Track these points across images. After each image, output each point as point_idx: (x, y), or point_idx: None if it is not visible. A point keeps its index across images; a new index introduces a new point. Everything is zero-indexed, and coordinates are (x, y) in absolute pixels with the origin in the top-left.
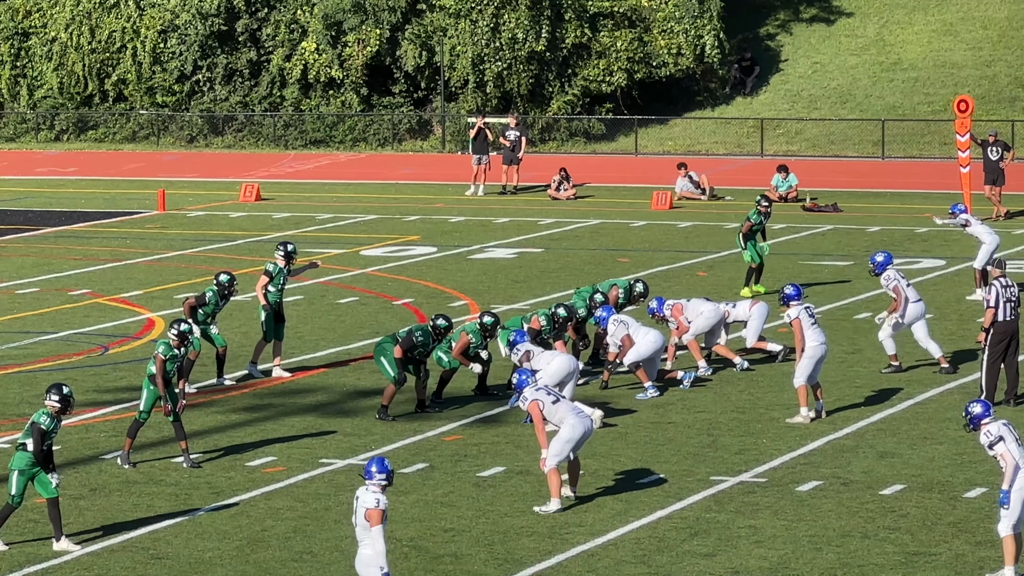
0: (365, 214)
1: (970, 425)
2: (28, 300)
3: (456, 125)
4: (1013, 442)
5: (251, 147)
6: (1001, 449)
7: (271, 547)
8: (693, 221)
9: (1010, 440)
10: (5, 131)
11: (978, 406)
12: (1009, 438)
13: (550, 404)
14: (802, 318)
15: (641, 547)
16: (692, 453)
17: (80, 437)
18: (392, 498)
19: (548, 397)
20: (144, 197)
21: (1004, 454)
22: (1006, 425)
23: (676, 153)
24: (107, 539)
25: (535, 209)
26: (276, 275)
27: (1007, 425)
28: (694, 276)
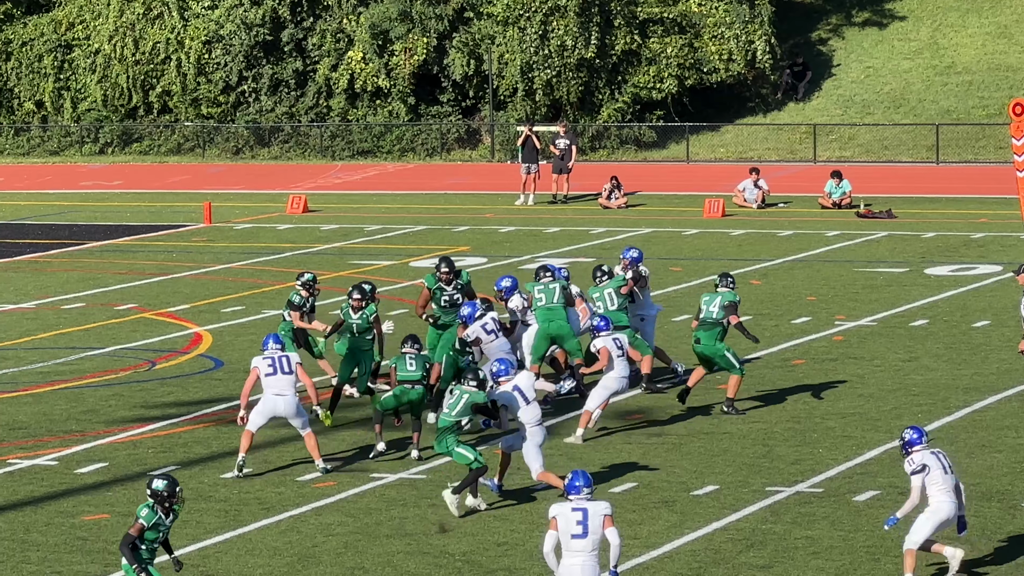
0: (414, 225)
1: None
2: (74, 315)
3: (505, 134)
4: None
5: (298, 158)
6: (917, 482)
7: (322, 563)
8: (746, 229)
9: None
10: (49, 144)
11: (911, 432)
12: (933, 464)
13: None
14: (609, 347)
15: (697, 559)
16: (747, 464)
17: (128, 453)
18: (444, 513)
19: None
20: (190, 210)
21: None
22: (934, 454)
23: (728, 160)
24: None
25: (586, 218)
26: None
27: (935, 454)
28: (748, 285)
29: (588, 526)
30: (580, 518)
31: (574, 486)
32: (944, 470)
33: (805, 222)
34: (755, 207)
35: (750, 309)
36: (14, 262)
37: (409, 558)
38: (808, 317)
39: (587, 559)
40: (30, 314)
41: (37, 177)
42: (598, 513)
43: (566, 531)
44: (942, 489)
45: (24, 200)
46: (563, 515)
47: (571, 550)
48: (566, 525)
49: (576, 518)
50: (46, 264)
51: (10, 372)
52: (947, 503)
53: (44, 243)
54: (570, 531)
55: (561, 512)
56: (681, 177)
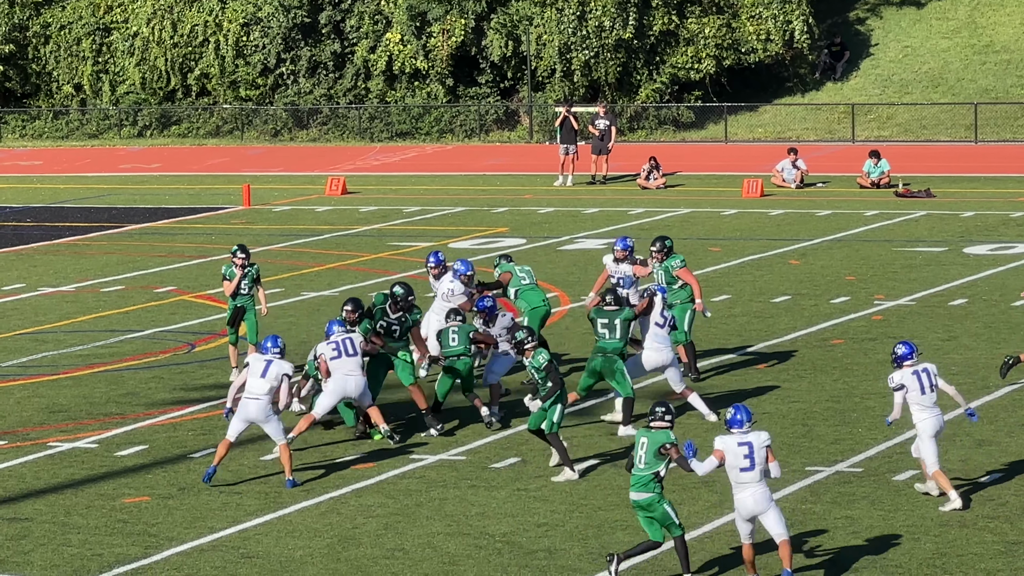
0: (453, 206)
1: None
2: (113, 298)
3: (544, 115)
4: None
5: (336, 140)
6: (898, 399)
7: (362, 545)
8: (784, 209)
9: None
10: (88, 128)
11: (903, 347)
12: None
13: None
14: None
15: (737, 539)
16: (787, 443)
17: (168, 436)
18: (484, 493)
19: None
20: (229, 192)
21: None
22: (915, 374)
23: (766, 140)
24: (197, 538)
25: (625, 199)
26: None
27: (917, 373)
28: (786, 265)
29: (755, 459)
30: (747, 452)
31: (736, 420)
32: (921, 390)
33: (843, 202)
34: (793, 187)
35: (788, 289)
36: (54, 245)
37: (449, 539)
38: (847, 297)
39: (757, 488)
40: (70, 297)
41: (76, 160)
42: (761, 445)
43: (734, 465)
44: (921, 407)
45: (63, 183)
46: (730, 449)
47: (740, 482)
48: (734, 459)
49: (743, 452)
50: (85, 247)
51: (50, 355)
52: (928, 419)
53: (83, 226)
54: (738, 464)
55: (727, 446)
56: (719, 157)
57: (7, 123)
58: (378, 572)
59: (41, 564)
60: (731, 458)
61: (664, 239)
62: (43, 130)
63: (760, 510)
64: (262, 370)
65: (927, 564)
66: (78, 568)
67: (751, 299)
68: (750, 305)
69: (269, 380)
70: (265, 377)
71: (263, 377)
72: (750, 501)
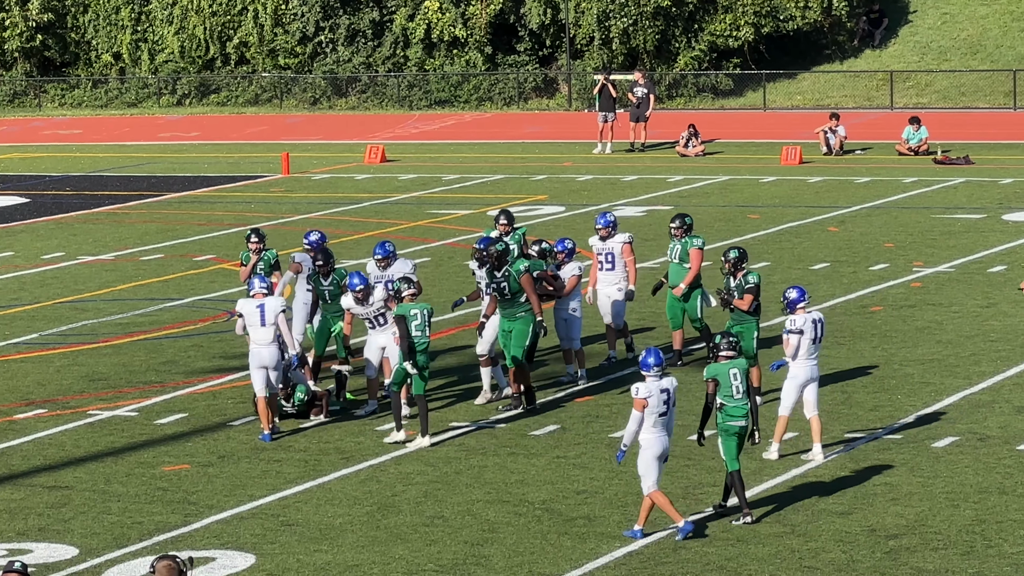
0: (492, 174)
1: (786, 309)
2: (152, 266)
3: (582, 83)
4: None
5: (375, 108)
6: (793, 340)
7: (402, 512)
8: (823, 176)
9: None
10: (127, 96)
11: (794, 292)
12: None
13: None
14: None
15: (776, 506)
16: (826, 410)
17: (208, 404)
18: (523, 461)
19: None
20: (268, 160)
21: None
22: (814, 322)
23: (805, 108)
24: (236, 506)
25: (663, 166)
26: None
27: (813, 322)
28: (825, 232)
29: (671, 403)
30: (665, 398)
31: (647, 362)
32: (813, 340)
33: (882, 169)
34: (832, 154)
35: (827, 256)
36: (93, 214)
37: (488, 507)
38: (886, 264)
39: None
40: (109, 265)
41: (115, 129)
42: (675, 390)
43: (653, 411)
44: (804, 356)
45: (102, 152)
46: (653, 395)
47: (654, 426)
48: (655, 404)
49: (663, 398)
50: (125, 216)
51: (90, 323)
52: (804, 368)
53: (123, 195)
54: (658, 410)
55: (652, 391)
56: (758, 125)
57: (46, 92)
58: (417, 540)
59: (81, 532)
60: (653, 403)
61: (684, 216)
62: (82, 99)
63: (667, 451)
64: (260, 317)
65: (966, 531)
66: (118, 536)
67: (790, 266)
68: (789, 272)
69: (269, 323)
70: (265, 324)
71: (263, 325)
72: (665, 441)
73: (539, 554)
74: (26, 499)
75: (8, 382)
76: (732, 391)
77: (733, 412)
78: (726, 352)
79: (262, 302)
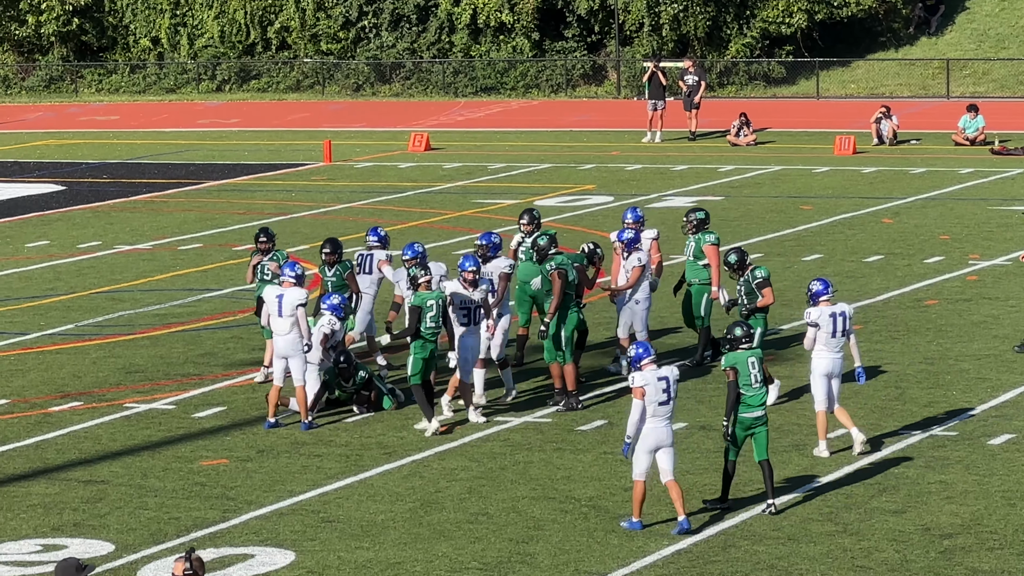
0: (538, 163)
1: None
2: (191, 256)
3: (631, 70)
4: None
5: (419, 95)
6: (811, 334)
7: (445, 509)
8: (877, 167)
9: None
10: (166, 82)
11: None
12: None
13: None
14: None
15: (828, 504)
16: (879, 406)
17: (247, 397)
18: (570, 456)
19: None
20: (309, 148)
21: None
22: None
23: (859, 96)
24: (276, 502)
25: (714, 156)
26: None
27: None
28: (879, 224)
29: (671, 392)
30: (665, 386)
31: (639, 355)
32: (833, 332)
33: (938, 159)
34: (887, 144)
35: (881, 248)
36: (131, 202)
37: (534, 503)
38: (941, 256)
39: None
40: (147, 255)
41: (153, 115)
42: (676, 379)
43: (653, 399)
44: (825, 348)
45: (140, 139)
46: (651, 383)
47: (654, 416)
48: (654, 393)
49: (662, 386)
50: (163, 204)
51: (127, 314)
52: (826, 361)
53: (161, 183)
54: (657, 399)
55: (649, 380)
56: (811, 113)
57: (83, 77)
58: (461, 536)
59: (117, 527)
60: (651, 392)
61: (697, 211)
62: (120, 84)
63: (664, 444)
64: (277, 307)
65: (1023, 530)
66: (155, 532)
67: (843, 258)
68: (842, 265)
69: (287, 315)
70: (282, 315)
71: (280, 316)
72: (663, 433)
73: (585, 552)
74: (61, 493)
75: (43, 374)
76: (750, 380)
77: (750, 401)
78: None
79: (283, 292)
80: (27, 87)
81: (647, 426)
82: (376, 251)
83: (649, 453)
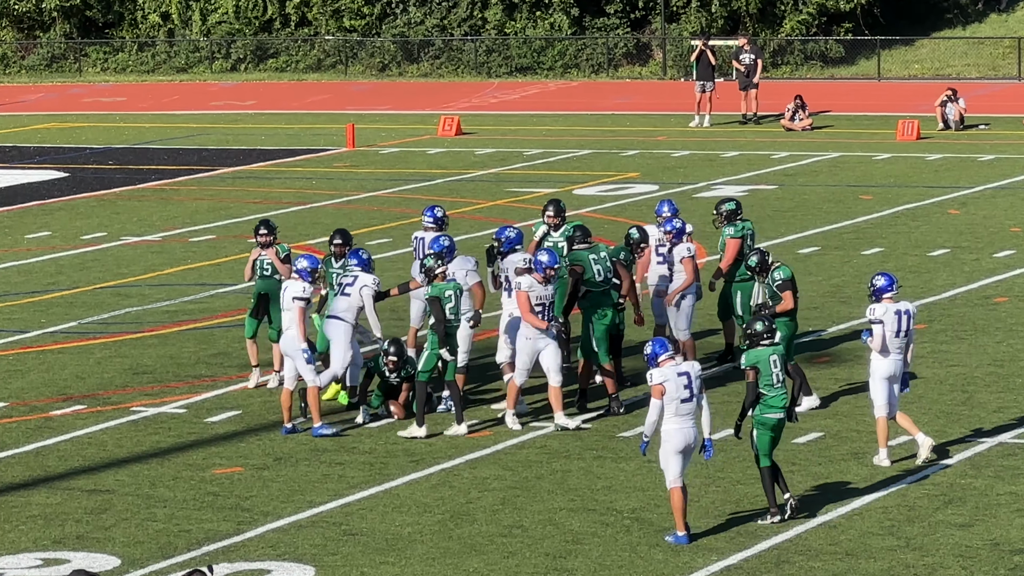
0: (578, 149)
1: (872, 296)
2: (203, 248)
3: (678, 48)
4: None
5: (450, 76)
6: (877, 331)
7: (476, 521)
8: (943, 153)
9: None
10: (176, 61)
11: (882, 279)
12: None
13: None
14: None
15: (889, 517)
16: (945, 412)
17: (263, 401)
18: (611, 465)
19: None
20: (331, 132)
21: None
22: (896, 313)
23: (923, 78)
24: (294, 513)
25: (767, 141)
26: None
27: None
28: (945, 215)
29: (693, 388)
30: (686, 382)
31: (656, 352)
32: (896, 333)
33: (1008, 145)
34: (953, 128)
35: (947, 241)
36: (138, 190)
37: (572, 515)
38: (1011, 250)
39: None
40: (155, 247)
41: (163, 97)
42: (698, 374)
43: (675, 397)
44: (887, 348)
45: (149, 122)
46: (671, 380)
47: (679, 415)
48: (675, 390)
49: (683, 382)
50: (173, 192)
51: (134, 311)
52: (886, 361)
53: (171, 169)
54: (679, 396)
55: (668, 377)
56: (871, 96)
57: (88, 56)
58: (494, 551)
59: (123, 540)
60: (672, 389)
61: (726, 201)
62: (127, 63)
63: (691, 444)
64: (280, 299)
65: None
66: (164, 545)
67: (905, 252)
68: (905, 259)
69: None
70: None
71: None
72: (691, 433)
73: (628, 568)
74: (63, 504)
75: (44, 375)
76: (772, 379)
77: (772, 403)
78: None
79: (288, 284)
80: (27, 66)
81: (673, 426)
82: (431, 234)
83: (679, 455)
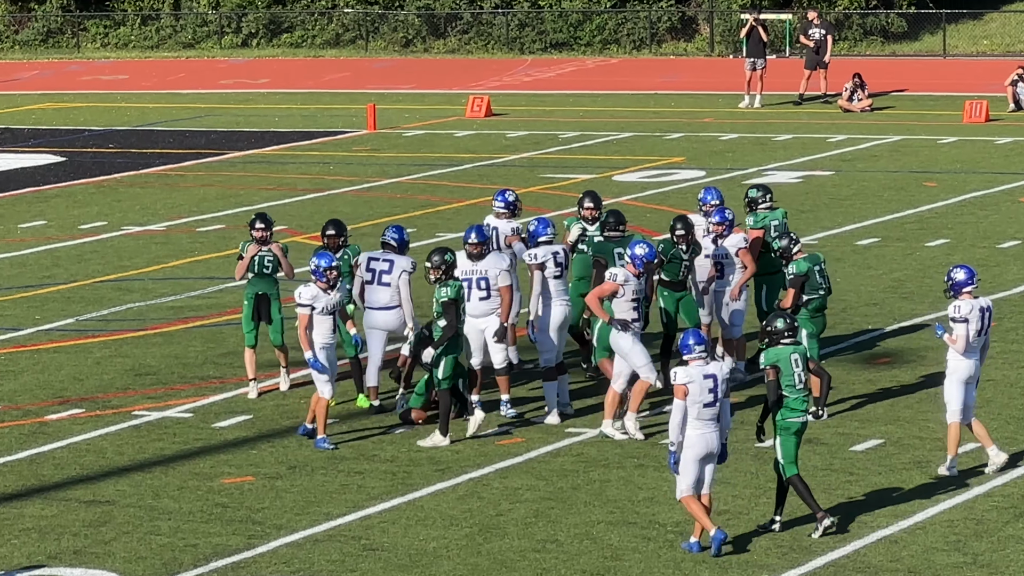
0: (618, 131)
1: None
2: (212, 239)
3: (727, 23)
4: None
5: (479, 52)
6: (961, 331)
7: (507, 535)
8: (1013, 137)
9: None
10: (183, 36)
11: (961, 272)
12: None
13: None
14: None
15: (955, 531)
16: (1015, 417)
17: (275, 404)
18: (653, 475)
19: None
20: (350, 114)
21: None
22: (981, 310)
23: (993, 55)
24: (310, 527)
25: (823, 123)
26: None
27: (981, 310)
28: (1016, 203)
29: (718, 392)
30: (711, 385)
31: (688, 344)
32: (978, 331)
33: None
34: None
35: (1019, 232)
36: (141, 175)
37: (611, 529)
38: None
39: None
40: (160, 237)
41: (168, 75)
42: (725, 377)
43: (697, 400)
44: (969, 348)
45: (153, 102)
46: (696, 381)
47: (701, 419)
48: (698, 393)
49: (708, 385)
50: (179, 178)
51: (136, 307)
52: (965, 362)
53: (176, 153)
54: (703, 399)
55: (693, 378)
56: (936, 74)
57: (87, 30)
58: (526, 567)
59: (124, 556)
60: (695, 391)
61: (752, 188)
62: (129, 38)
63: (714, 451)
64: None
65: None
66: (168, 561)
67: (973, 244)
68: (972, 251)
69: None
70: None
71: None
72: (713, 439)
73: None
74: (59, 516)
75: (39, 376)
76: (794, 380)
77: (794, 405)
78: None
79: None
80: (21, 41)
81: (694, 431)
82: (503, 222)
83: (698, 462)
